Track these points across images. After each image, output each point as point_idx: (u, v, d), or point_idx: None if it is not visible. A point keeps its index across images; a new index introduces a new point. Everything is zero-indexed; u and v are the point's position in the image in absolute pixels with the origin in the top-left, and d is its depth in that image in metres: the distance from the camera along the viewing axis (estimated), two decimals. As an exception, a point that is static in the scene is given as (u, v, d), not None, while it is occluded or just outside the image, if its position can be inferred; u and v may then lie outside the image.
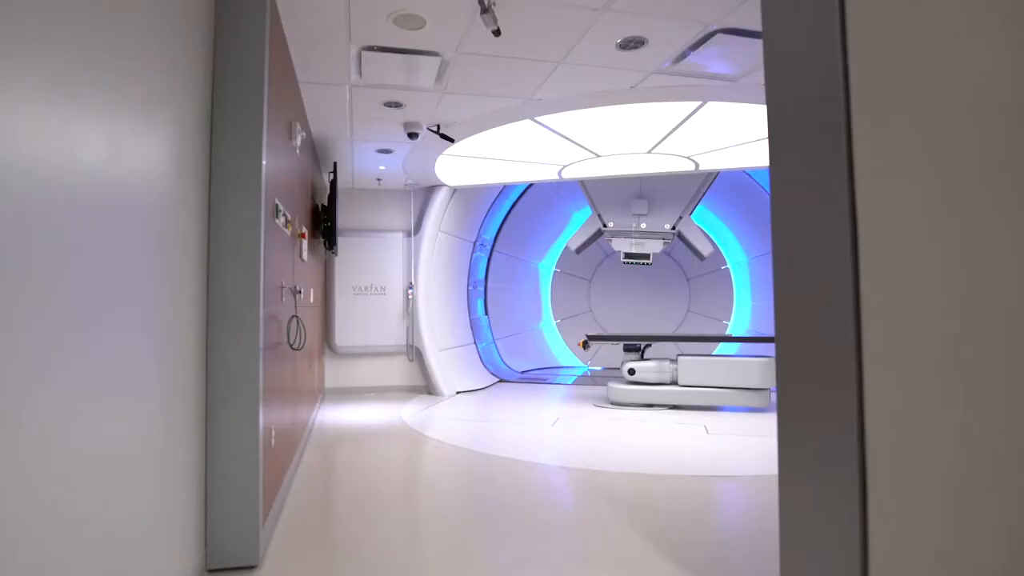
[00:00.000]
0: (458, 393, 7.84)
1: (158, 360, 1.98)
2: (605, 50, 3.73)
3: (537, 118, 5.04)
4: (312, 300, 5.60)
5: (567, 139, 5.65)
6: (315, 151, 6.02)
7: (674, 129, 5.34)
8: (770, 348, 7.39)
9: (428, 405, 6.97)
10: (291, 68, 3.90)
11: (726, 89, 4.32)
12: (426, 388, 7.81)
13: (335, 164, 5.80)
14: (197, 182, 2.46)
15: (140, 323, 1.82)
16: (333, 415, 6.38)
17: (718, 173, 8.05)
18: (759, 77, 4.12)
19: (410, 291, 7.76)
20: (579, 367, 11.18)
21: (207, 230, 2.61)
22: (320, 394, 7.14)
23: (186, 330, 2.30)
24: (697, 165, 6.70)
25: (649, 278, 11.05)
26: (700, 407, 6.76)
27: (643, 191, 8.25)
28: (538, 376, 10.05)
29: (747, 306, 10.74)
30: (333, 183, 5.72)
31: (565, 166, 6.78)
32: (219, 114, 2.66)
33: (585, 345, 7.15)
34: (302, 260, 4.50)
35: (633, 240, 8.36)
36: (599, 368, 11.08)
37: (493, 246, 10.14)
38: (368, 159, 6.46)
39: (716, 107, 4.80)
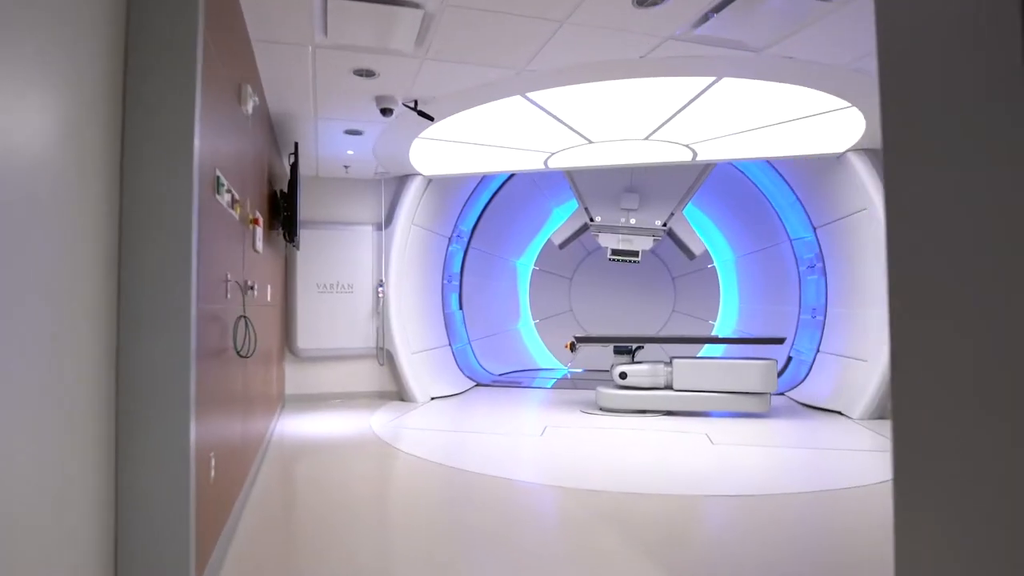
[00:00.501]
0: (432, 399, 7.23)
1: (40, 373, 1.35)
2: (618, 6, 3.18)
3: (528, 94, 4.48)
4: (270, 298, 4.94)
5: (558, 121, 5.10)
6: (274, 131, 5.35)
7: (679, 111, 4.84)
8: (768, 351, 6.98)
9: (400, 413, 6.35)
10: (239, 16, 3.25)
11: (746, 62, 3.82)
12: (398, 394, 7.18)
13: (296, 144, 5.14)
14: (102, 141, 1.83)
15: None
16: (294, 426, 5.70)
17: (714, 165, 7.61)
18: (783, 48, 3.63)
19: (380, 289, 7.11)
20: (559, 369, 10.68)
21: (119, 205, 1.98)
22: (280, 402, 6.45)
23: (84, 333, 1.67)
24: (695, 155, 6.23)
25: (633, 276, 10.60)
26: (696, 413, 6.29)
27: (633, 184, 7.75)
28: (516, 379, 9.50)
29: (734, 306, 10.38)
30: (294, 166, 5.06)
31: (552, 154, 6.24)
32: (136, 60, 2.03)
33: (572, 347, 6.62)
34: (255, 251, 3.85)
35: (621, 236, 7.86)
36: (580, 370, 10.59)
37: (469, 242, 9.54)
38: (335, 142, 5.81)
39: (726, 87, 4.31)
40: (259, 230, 3.92)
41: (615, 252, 7.96)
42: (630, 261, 8.22)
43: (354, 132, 5.46)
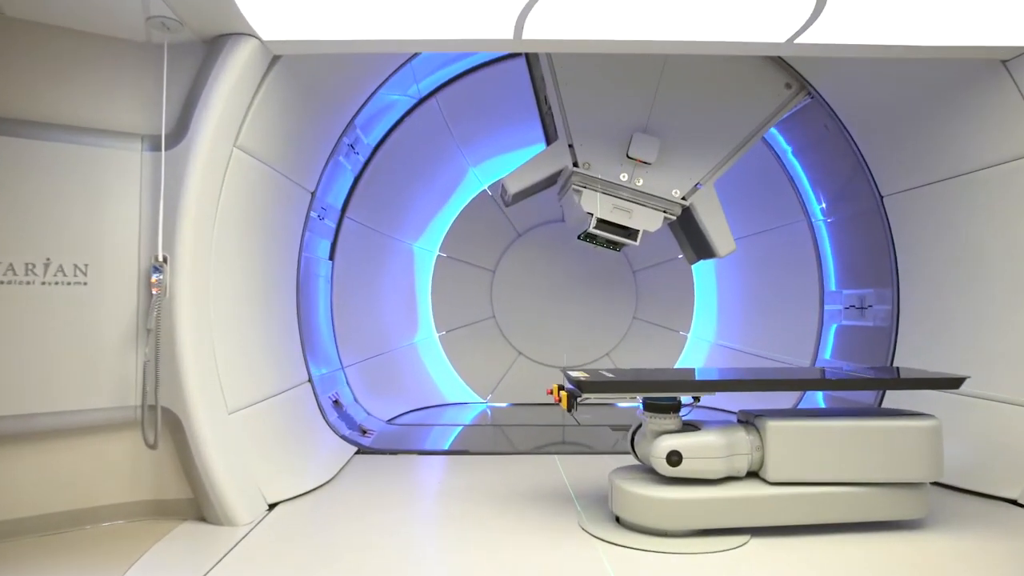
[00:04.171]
0: (272, 508, 3.52)
1: None
2: None
3: None
4: None
5: None
6: None
7: None
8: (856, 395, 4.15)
9: (188, 577, 2.61)
10: None
11: None
12: (195, 507, 3.36)
13: None
14: None
15: None
16: None
17: (798, 98, 4.71)
18: None
19: (156, 276, 3.24)
20: (475, 403, 7.31)
21: None
22: None
23: None
24: (809, 18, 3.17)
25: (580, 270, 7.48)
26: (803, 528, 3.24)
27: (652, 123, 4.53)
28: (416, 427, 6.05)
29: (711, 310, 7.65)
30: None
31: (554, -11, 2.86)
32: None
33: (571, 404, 3.27)
34: None
35: (617, 202, 4.65)
36: (504, 405, 7.31)
37: (344, 209, 5.88)
38: None
39: None
40: None
41: (600, 224, 4.74)
42: (612, 247, 5.05)
43: None
